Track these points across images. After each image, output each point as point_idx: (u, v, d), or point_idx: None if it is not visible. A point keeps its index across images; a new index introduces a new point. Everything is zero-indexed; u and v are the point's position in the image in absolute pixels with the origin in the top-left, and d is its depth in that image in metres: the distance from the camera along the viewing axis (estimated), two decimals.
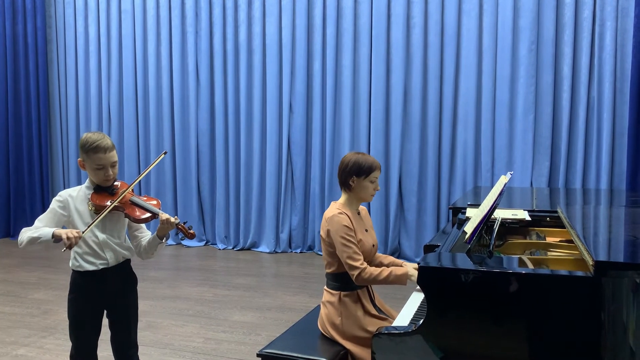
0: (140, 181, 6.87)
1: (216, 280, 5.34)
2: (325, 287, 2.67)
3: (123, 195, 2.38)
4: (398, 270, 2.50)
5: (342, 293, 2.56)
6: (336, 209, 2.56)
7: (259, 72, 6.40)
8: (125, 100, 6.87)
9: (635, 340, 1.65)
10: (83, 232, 2.26)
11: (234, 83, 6.52)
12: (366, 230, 2.65)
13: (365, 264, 2.48)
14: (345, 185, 2.60)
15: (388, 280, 2.48)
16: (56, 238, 2.24)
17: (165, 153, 2.73)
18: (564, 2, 5.35)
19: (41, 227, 2.31)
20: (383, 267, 2.53)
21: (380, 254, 2.81)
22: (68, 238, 2.19)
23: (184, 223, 2.44)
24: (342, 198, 2.64)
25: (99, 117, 7.03)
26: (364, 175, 2.55)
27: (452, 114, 5.81)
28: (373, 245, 2.67)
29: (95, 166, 2.35)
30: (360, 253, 2.50)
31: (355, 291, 2.57)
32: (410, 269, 2.54)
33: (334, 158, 6.22)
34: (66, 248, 2.21)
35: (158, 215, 2.38)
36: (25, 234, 2.31)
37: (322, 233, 2.58)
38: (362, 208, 2.73)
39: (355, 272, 2.46)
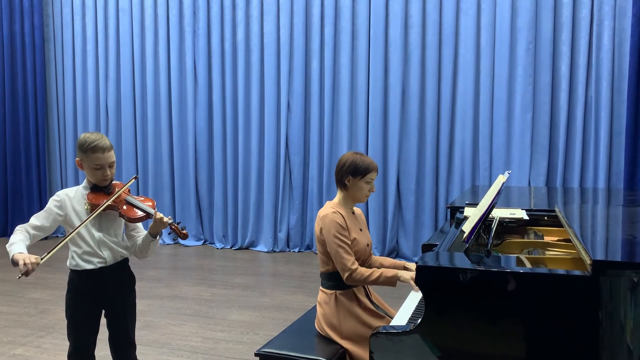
0: (137, 180, 6.87)
1: (214, 280, 5.34)
2: (320, 287, 2.67)
3: (118, 194, 2.38)
4: (388, 272, 2.49)
5: (338, 292, 2.56)
6: (330, 208, 2.57)
7: (257, 71, 6.39)
8: (123, 99, 6.86)
9: (633, 339, 1.65)
10: (42, 259, 2.15)
11: (232, 82, 6.51)
12: (360, 230, 2.65)
13: (356, 265, 2.48)
14: (341, 184, 2.62)
15: (378, 282, 2.48)
16: (14, 262, 2.14)
17: (135, 178, 2.65)
18: (561, 2, 5.35)
19: (15, 242, 2.23)
20: (374, 269, 2.52)
21: (380, 257, 2.81)
22: (25, 264, 2.09)
23: (178, 223, 2.44)
24: (337, 197, 2.66)
25: (97, 116, 7.02)
26: (360, 175, 2.57)
27: (450, 113, 5.81)
28: (367, 245, 2.67)
29: (94, 166, 2.35)
30: (352, 253, 2.50)
31: (350, 289, 2.57)
32: (401, 271, 2.53)
33: (331, 157, 6.22)
34: (22, 275, 2.09)
35: (152, 214, 2.38)
36: (13, 237, 2.28)
37: (317, 231, 2.58)
38: (357, 209, 2.75)
39: (347, 273, 2.46)
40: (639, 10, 4.95)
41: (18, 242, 2.24)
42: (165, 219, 2.38)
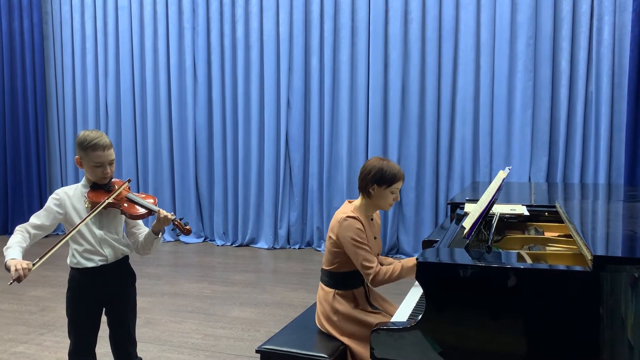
0: (138, 177, 6.87)
1: (215, 277, 5.34)
2: (320, 283, 2.64)
3: (119, 191, 2.38)
4: (409, 262, 2.43)
5: (337, 291, 2.54)
6: (350, 211, 2.49)
7: (257, 68, 6.38)
8: (122, 97, 6.85)
9: (633, 334, 1.66)
10: (34, 265, 2.14)
11: (232, 79, 6.50)
12: (375, 238, 2.61)
13: (379, 266, 2.43)
14: (364, 191, 2.52)
15: (401, 275, 2.42)
16: (6, 268, 2.14)
17: (129, 181, 2.54)
18: None
19: (11, 246, 2.22)
20: (393, 264, 2.47)
21: (380, 257, 2.79)
22: (16, 270, 2.09)
23: (180, 219, 2.44)
24: (359, 201, 2.58)
25: (96, 113, 7.01)
26: (386, 185, 2.47)
27: (450, 110, 5.80)
28: (377, 254, 2.64)
29: (93, 164, 2.35)
30: (373, 254, 2.46)
31: (350, 290, 2.55)
32: None
33: (331, 154, 6.22)
34: (14, 281, 2.09)
35: (154, 211, 2.38)
36: (11, 239, 2.26)
37: (330, 232, 2.53)
38: (376, 213, 2.67)
39: (371, 275, 2.40)
40: (639, 5, 4.94)
41: (14, 246, 2.23)
42: (169, 216, 2.37)
